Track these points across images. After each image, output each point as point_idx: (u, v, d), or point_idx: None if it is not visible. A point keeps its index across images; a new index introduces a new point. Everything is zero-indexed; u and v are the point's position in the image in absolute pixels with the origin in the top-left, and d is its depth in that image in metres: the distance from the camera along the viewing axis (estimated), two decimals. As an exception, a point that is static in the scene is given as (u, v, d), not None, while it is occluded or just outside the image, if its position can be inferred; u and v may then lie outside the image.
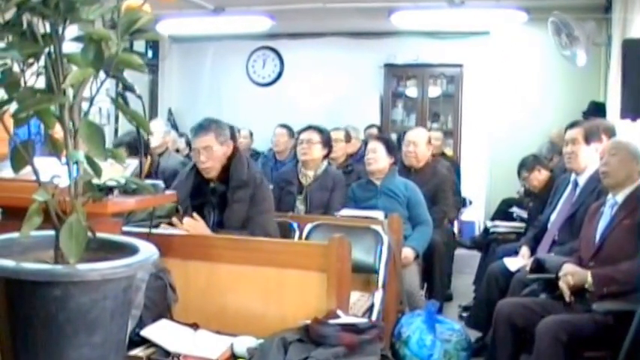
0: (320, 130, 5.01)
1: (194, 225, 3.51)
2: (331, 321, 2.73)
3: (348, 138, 6.30)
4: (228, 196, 3.73)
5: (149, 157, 5.28)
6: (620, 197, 3.56)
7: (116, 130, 8.53)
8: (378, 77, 9.51)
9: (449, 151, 8.79)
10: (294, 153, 5.67)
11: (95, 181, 1.50)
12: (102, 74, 1.44)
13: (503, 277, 4.33)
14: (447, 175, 5.87)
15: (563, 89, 7.33)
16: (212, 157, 3.73)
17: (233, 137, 4.03)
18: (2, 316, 1.36)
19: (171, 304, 2.83)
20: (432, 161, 5.80)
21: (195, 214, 3.61)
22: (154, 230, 2.87)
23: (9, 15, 1.37)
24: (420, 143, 5.58)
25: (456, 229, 7.41)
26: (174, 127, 9.02)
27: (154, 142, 5.73)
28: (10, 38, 1.39)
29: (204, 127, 3.78)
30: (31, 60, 1.40)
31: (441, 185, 5.53)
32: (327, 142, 5.00)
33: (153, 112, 10.01)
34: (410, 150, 5.51)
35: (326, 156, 5.02)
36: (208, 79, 10.27)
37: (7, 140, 1.45)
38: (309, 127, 5.05)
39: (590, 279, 3.31)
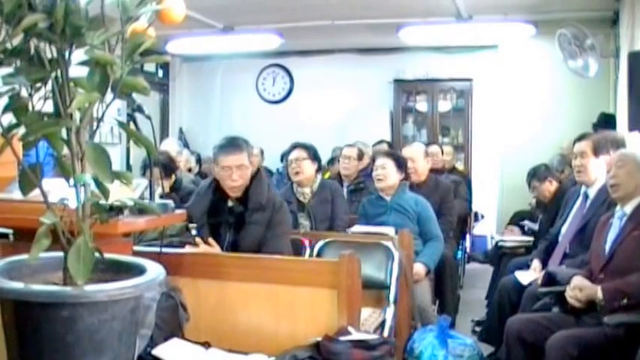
0: (305, 147, 5.02)
1: (209, 252, 3.52)
2: (342, 338, 2.73)
3: (360, 155, 6.30)
4: (246, 217, 3.70)
5: (173, 176, 5.32)
6: (629, 208, 3.55)
7: (128, 150, 8.60)
8: (388, 93, 9.52)
9: (460, 166, 8.78)
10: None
11: (104, 201, 1.51)
12: (111, 96, 1.46)
13: (515, 291, 4.32)
14: (450, 186, 5.87)
15: (573, 101, 7.34)
16: (244, 176, 3.69)
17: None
18: (11, 338, 1.37)
19: (183, 323, 2.83)
20: (434, 174, 5.81)
21: (210, 240, 3.60)
22: (164, 249, 2.89)
23: (16, 41, 1.39)
24: (418, 158, 5.60)
25: (468, 244, 7.41)
26: (186, 146, 9.07)
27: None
28: (18, 63, 1.41)
29: (239, 145, 3.75)
30: (38, 84, 1.42)
31: (444, 197, 5.53)
32: (315, 156, 5.01)
33: (164, 132, 10.08)
34: (409, 166, 5.49)
35: (318, 170, 5.03)
36: (219, 98, 10.32)
37: (17, 163, 1.47)
38: (295, 147, 5.06)
39: (600, 294, 3.30)
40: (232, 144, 3.76)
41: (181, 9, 1.50)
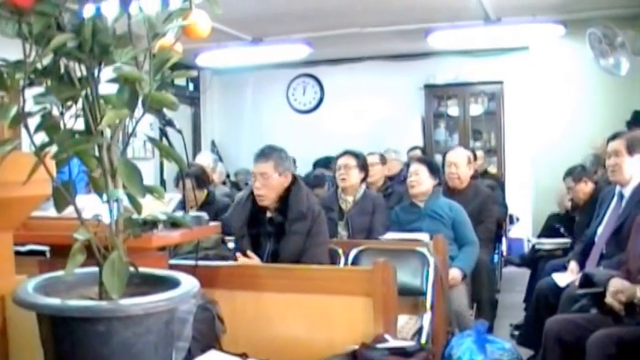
0: (356, 155, 5.04)
1: (249, 264, 3.54)
2: (379, 345, 2.72)
3: (383, 160, 6.29)
4: (286, 227, 3.70)
5: (205, 190, 5.36)
6: (666, 206, 3.50)
7: (161, 164, 8.69)
8: (419, 98, 9.51)
9: (492, 169, 8.72)
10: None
11: (136, 216, 1.53)
12: (141, 112, 1.48)
13: (552, 294, 4.27)
14: (490, 193, 5.82)
15: (605, 100, 7.24)
16: (267, 185, 3.71)
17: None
18: (49, 352, 1.39)
19: (220, 335, 2.85)
20: (473, 180, 5.76)
21: (249, 252, 3.62)
22: (200, 262, 2.91)
23: (46, 61, 1.41)
24: (461, 164, 5.54)
25: (504, 247, 7.35)
26: (219, 158, 9.15)
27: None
28: (49, 83, 1.43)
29: (266, 154, 3.78)
30: (69, 103, 1.44)
31: (484, 204, 5.48)
32: (364, 166, 5.03)
33: (196, 145, 10.16)
34: (452, 171, 5.46)
35: (363, 180, 5.03)
36: (250, 109, 10.38)
37: (50, 181, 1.49)
38: (346, 153, 5.08)
39: (639, 293, 3.25)
40: (261, 152, 3.82)
41: (206, 24, 1.51)
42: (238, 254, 3.62)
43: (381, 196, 5.32)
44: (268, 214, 3.80)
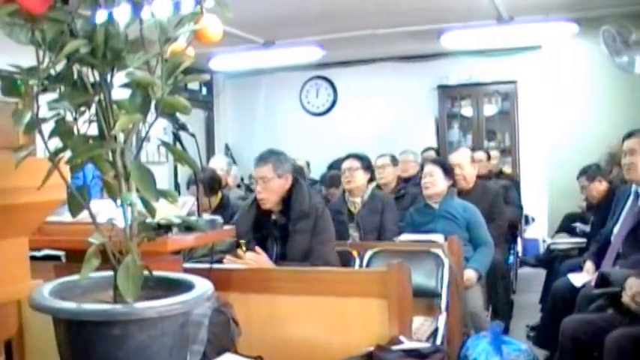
0: (359, 157, 5.08)
1: (256, 259, 3.55)
2: (394, 347, 2.71)
3: (394, 162, 6.28)
4: (290, 227, 3.74)
5: (219, 193, 5.38)
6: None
7: (175, 168, 8.71)
8: (432, 99, 9.50)
9: (507, 169, 8.69)
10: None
11: (150, 220, 1.54)
12: (153, 116, 1.49)
13: (568, 294, 4.26)
14: (498, 190, 5.80)
15: (620, 98, 7.19)
16: (268, 188, 3.76)
17: (302, 170, 4.07)
18: (65, 356, 1.40)
19: (235, 338, 2.85)
20: (480, 180, 5.75)
21: (257, 248, 3.64)
22: (214, 265, 2.92)
23: (59, 67, 1.42)
24: (465, 164, 5.53)
25: (519, 248, 7.32)
26: (234, 161, 9.18)
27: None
28: (62, 89, 1.44)
29: (264, 158, 3.83)
30: (82, 108, 1.45)
31: (493, 202, 5.47)
32: (369, 167, 5.05)
33: (210, 149, 10.20)
34: (457, 173, 5.42)
35: (370, 180, 5.05)
36: (263, 112, 10.41)
37: (65, 186, 1.50)
38: (349, 156, 5.13)
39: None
40: (259, 157, 3.88)
41: (218, 28, 1.52)
42: (240, 252, 3.61)
43: (390, 195, 5.34)
44: (273, 217, 3.84)
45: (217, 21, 1.52)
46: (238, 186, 7.38)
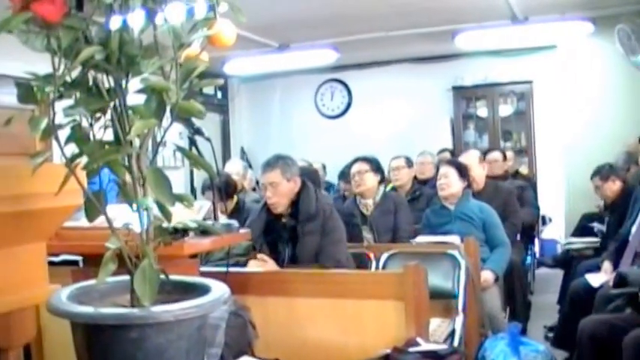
0: (367, 160, 5.07)
1: (264, 267, 3.58)
2: (411, 349, 2.71)
3: (409, 163, 6.27)
4: (299, 229, 3.78)
5: (235, 197, 5.40)
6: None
7: (191, 172, 8.74)
8: (447, 100, 9.47)
9: (524, 170, 8.65)
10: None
11: (166, 224, 1.55)
12: (169, 121, 1.50)
13: (586, 294, 4.24)
14: (511, 189, 5.78)
15: (637, 97, 7.13)
16: (277, 192, 3.80)
17: (316, 175, 4.08)
18: (83, 359, 1.42)
19: (252, 341, 2.86)
20: (491, 180, 5.73)
21: (263, 255, 3.67)
22: (231, 269, 2.93)
23: (75, 73, 1.44)
24: (473, 165, 5.49)
25: (537, 248, 7.28)
26: (249, 165, 9.19)
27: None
28: (78, 95, 1.46)
29: (271, 163, 3.87)
30: (98, 114, 1.47)
31: (506, 201, 5.45)
32: (378, 168, 5.04)
33: (226, 152, 10.22)
34: None
35: (381, 181, 5.05)
36: (278, 116, 10.42)
37: (81, 191, 1.52)
38: (357, 160, 5.13)
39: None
40: (266, 163, 3.91)
41: (232, 32, 1.53)
42: (253, 261, 3.65)
43: (402, 196, 5.34)
44: (282, 220, 3.88)
45: (231, 25, 1.53)
46: (254, 189, 7.39)
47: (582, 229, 6.31)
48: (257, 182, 7.82)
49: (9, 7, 1.34)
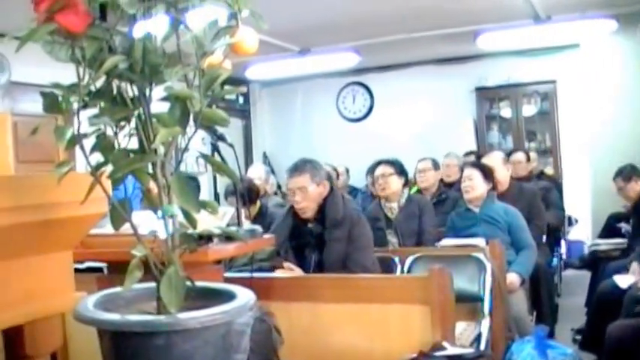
0: (391, 162, 5.03)
1: (290, 275, 3.58)
2: (437, 353, 2.70)
3: (436, 166, 6.24)
4: (325, 235, 3.75)
5: (258, 202, 5.41)
6: None
7: (215, 178, 8.76)
8: (470, 101, 9.43)
9: (549, 170, 8.58)
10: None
11: (191, 231, 1.55)
12: (193, 128, 1.51)
13: (614, 296, 4.19)
14: (535, 190, 5.74)
15: (662, 96, 7.06)
16: (307, 197, 3.77)
17: (330, 178, 4.07)
18: (110, 367, 1.43)
19: (277, 347, 2.85)
20: (515, 181, 5.69)
21: (289, 264, 3.66)
22: (255, 274, 2.93)
23: (99, 83, 1.45)
24: (498, 167, 5.44)
25: (563, 250, 7.22)
26: (272, 170, 9.20)
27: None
28: (102, 104, 1.47)
29: (299, 167, 3.84)
30: (122, 123, 1.48)
31: (531, 202, 5.41)
32: (402, 171, 5.01)
33: (248, 157, 10.24)
34: None
35: (405, 184, 5.02)
36: (300, 120, 10.42)
37: (107, 199, 1.53)
38: (380, 163, 5.09)
39: None
40: (294, 167, 3.87)
41: (254, 40, 1.53)
42: (280, 270, 3.65)
43: (426, 198, 5.31)
44: (309, 225, 3.85)
45: (253, 33, 1.53)
46: (275, 193, 7.40)
47: (609, 229, 6.25)
48: (279, 186, 7.84)
49: (34, 19, 1.35)
